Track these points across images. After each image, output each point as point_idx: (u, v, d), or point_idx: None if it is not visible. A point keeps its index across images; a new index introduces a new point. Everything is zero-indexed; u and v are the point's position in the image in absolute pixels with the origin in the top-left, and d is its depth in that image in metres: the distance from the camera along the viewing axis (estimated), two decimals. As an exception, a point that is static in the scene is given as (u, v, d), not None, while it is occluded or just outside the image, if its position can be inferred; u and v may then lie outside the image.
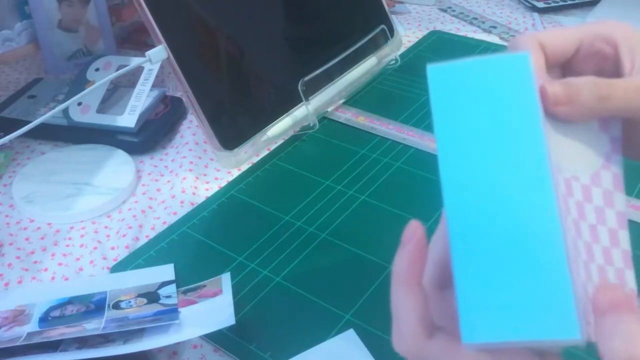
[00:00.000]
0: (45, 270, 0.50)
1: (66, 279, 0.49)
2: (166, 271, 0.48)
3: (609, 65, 0.31)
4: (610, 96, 0.27)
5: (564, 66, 0.32)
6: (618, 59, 0.30)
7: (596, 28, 0.31)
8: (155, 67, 0.64)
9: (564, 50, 0.31)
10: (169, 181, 0.59)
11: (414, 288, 0.26)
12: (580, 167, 0.27)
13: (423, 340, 0.25)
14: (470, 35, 0.84)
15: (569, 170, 0.26)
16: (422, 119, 0.65)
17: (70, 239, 0.53)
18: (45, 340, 0.41)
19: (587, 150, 0.28)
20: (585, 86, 0.27)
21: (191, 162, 0.61)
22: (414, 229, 0.26)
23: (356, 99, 0.70)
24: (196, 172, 0.60)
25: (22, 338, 0.41)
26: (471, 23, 0.88)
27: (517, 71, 0.23)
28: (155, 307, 0.44)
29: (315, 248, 0.50)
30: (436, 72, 0.25)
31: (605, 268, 0.27)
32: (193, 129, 0.65)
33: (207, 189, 0.58)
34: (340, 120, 0.66)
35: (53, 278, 0.49)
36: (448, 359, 0.25)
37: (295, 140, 0.63)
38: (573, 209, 0.26)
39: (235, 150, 0.57)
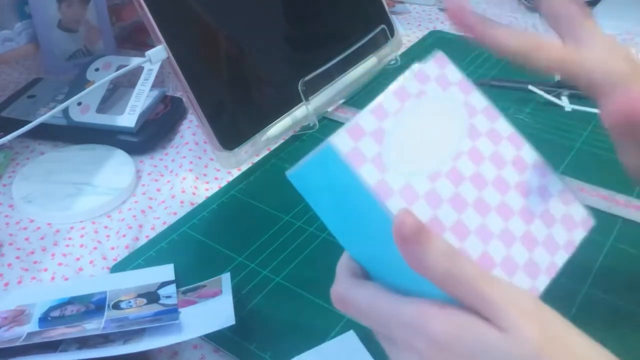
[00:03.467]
0: (45, 270, 0.50)
1: (66, 279, 0.49)
2: (166, 271, 0.48)
3: None
4: None
5: None
6: None
7: None
8: (155, 67, 0.64)
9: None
10: (169, 181, 0.59)
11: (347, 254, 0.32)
12: (456, 138, 0.30)
13: (351, 284, 0.30)
14: (470, 35, 0.84)
15: (449, 156, 0.30)
16: (422, 119, 0.65)
17: (70, 239, 0.53)
18: (45, 340, 0.41)
19: (451, 127, 0.31)
20: None
21: (191, 162, 0.61)
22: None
23: (356, 99, 0.70)
24: (196, 172, 0.60)
25: (22, 338, 0.41)
26: (471, 23, 0.88)
27: (333, 160, 0.27)
28: (155, 307, 0.44)
29: (315, 248, 0.50)
30: (292, 177, 0.31)
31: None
32: (193, 129, 0.65)
33: (207, 189, 0.58)
34: (340, 120, 0.66)
35: (53, 278, 0.49)
36: (372, 301, 0.29)
37: (295, 140, 0.63)
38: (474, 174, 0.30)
39: (235, 150, 0.57)
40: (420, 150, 0.29)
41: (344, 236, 0.31)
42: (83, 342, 0.41)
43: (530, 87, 0.67)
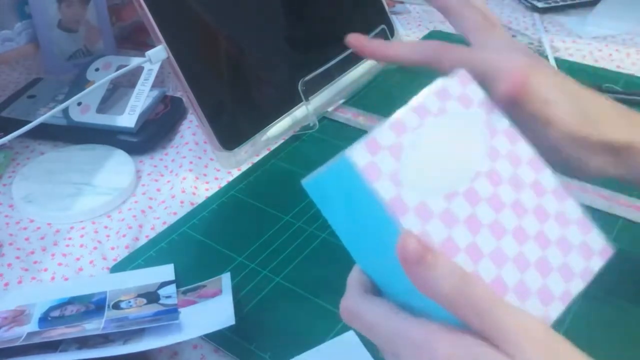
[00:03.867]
0: (45, 270, 0.50)
1: (66, 279, 0.49)
2: (166, 271, 0.48)
3: None
4: None
5: None
6: None
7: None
8: (155, 67, 0.64)
9: None
10: (169, 181, 0.59)
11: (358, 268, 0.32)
12: (475, 162, 0.30)
13: (362, 298, 0.30)
14: (471, 35, 0.84)
15: (467, 177, 0.29)
16: (422, 119, 0.65)
17: (70, 239, 0.53)
18: (45, 340, 0.41)
19: (471, 147, 0.30)
20: None
21: (191, 162, 0.61)
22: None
23: (356, 99, 0.70)
24: (196, 172, 0.60)
25: (22, 338, 0.41)
26: (471, 23, 0.88)
27: (349, 172, 0.27)
28: (155, 307, 0.44)
29: (315, 248, 0.50)
30: (308, 186, 0.31)
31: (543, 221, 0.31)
32: (193, 129, 0.65)
33: (207, 189, 0.58)
34: (340, 120, 0.66)
35: (53, 278, 0.49)
36: (381, 319, 0.28)
37: (295, 140, 0.63)
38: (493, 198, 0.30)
39: (235, 150, 0.57)
40: (438, 169, 0.28)
41: (356, 248, 0.31)
42: (83, 342, 0.41)
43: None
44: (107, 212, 0.56)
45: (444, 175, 0.28)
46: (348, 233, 0.31)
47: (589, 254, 0.31)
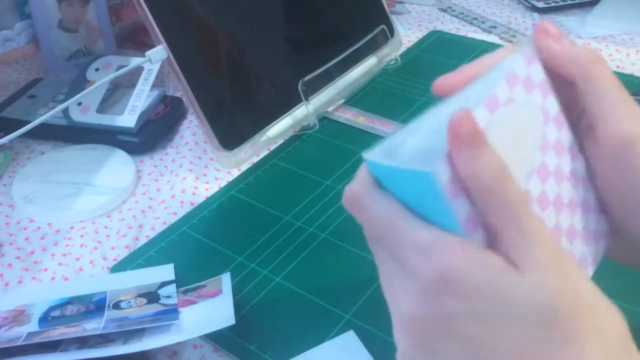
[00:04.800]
0: (45, 270, 0.50)
1: (66, 279, 0.49)
2: (166, 271, 0.48)
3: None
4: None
5: None
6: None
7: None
8: (155, 67, 0.64)
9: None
10: (169, 181, 0.59)
11: None
12: (531, 154, 0.29)
13: (371, 189, 0.28)
14: (471, 35, 0.84)
15: (526, 170, 0.28)
16: (422, 119, 0.65)
17: (70, 239, 0.53)
18: (45, 340, 0.41)
19: (528, 141, 0.29)
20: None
21: (191, 162, 0.61)
22: None
23: (356, 99, 0.70)
24: (196, 172, 0.60)
25: (22, 338, 0.41)
26: (471, 23, 0.88)
27: (429, 184, 0.25)
28: (155, 307, 0.44)
29: (315, 248, 0.50)
30: (372, 166, 0.28)
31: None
32: (193, 129, 0.65)
33: (207, 189, 0.58)
34: (340, 120, 0.66)
35: (53, 278, 0.49)
36: (387, 213, 0.27)
37: (295, 140, 0.63)
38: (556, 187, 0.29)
39: (235, 150, 0.57)
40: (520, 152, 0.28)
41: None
42: (83, 342, 0.41)
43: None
44: (107, 212, 0.56)
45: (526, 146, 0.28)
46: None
47: (600, 236, 0.32)
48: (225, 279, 0.46)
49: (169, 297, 0.45)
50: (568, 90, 0.32)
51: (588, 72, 0.31)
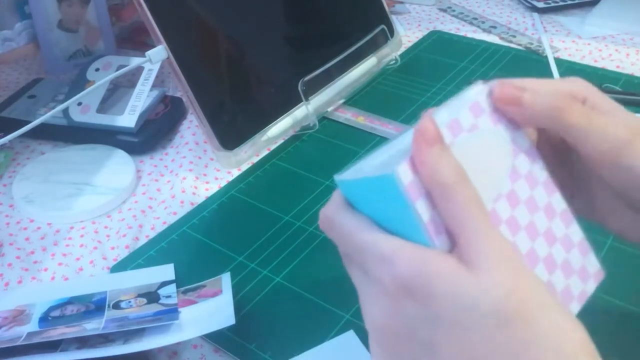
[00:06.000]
0: (45, 270, 0.50)
1: (66, 279, 0.49)
2: (166, 271, 0.48)
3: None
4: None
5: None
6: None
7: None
8: (155, 67, 0.64)
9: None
10: (169, 181, 0.59)
11: None
12: (499, 179, 0.30)
13: (342, 210, 0.30)
14: (470, 35, 0.84)
15: (491, 198, 0.29)
16: (422, 119, 0.65)
17: (70, 239, 0.53)
18: (45, 340, 0.41)
19: (496, 167, 0.30)
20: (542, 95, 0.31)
21: (191, 162, 0.61)
22: None
23: (356, 99, 0.70)
24: (196, 172, 0.60)
25: (22, 338, 0.41)
26: (471, 23, 0.88)
27: (391, 187, 0.27)
28: (155, 307, 0.44)
29: (315, 248, 0.50)
30: (341, 184, 0.30)
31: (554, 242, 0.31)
32: (193, 129, 0.65)
33: (207, 189, 0.58)
34: (340, 120, 0.66)
35: (53, 278, 0.49)
36: (354, 230, 0.29)
37: (295, 140, 0.63)
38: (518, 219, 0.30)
39: (235, 150, 0.57)
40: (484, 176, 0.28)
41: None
42: (83, 342, 0.41)
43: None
44: (107, 212, 0.56)
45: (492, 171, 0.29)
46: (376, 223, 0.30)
47: (586, 277, 0.32)
48: (225, 279, 0.46)
49: (169, 297, 0.45)
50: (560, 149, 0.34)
51: (558, 120, 0.31)
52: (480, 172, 0.29)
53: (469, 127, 0.29)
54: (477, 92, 0.30)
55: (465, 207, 0.26)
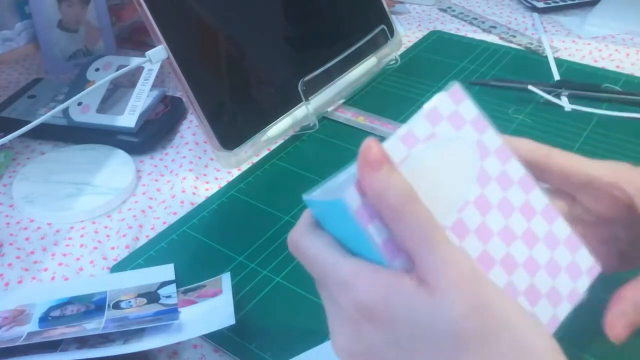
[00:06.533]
0: (45, 270, 0.50)
1: (66, 279, 0.49)
2: (166, 271, 0.48)
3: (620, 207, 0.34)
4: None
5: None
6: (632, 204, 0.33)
7: (610, 174, 0.34)
8: (155, 67, 0.64)
9: (576, 178, 0.34)
10: (169, 181, 0.59)
11: None
12: (463, 186, 0.29)
13: (307, 232, 0.30)
14: (470, 35, 0.84)
15: (454, 208, 0.28)
16: (422, 119, 0.65)
17: (70, 239, 0.53)
18: (45, 340, 0.41)
19: (459, 174, 0.29)
20: None
21: (191, 162, 0.61)
22: None
23: (356, 99, 0.70)
24: (196, 172, 0.60)
25: (22, 338, 0.41)
26: (471, 23, 0.88)
27: (345, 209, 0.27)
28: (155, 307, 0.44)
29: (315, 248, 0.50)
30: (308, 202, 0.30)
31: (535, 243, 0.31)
32: (193, 129, 0.65)
33: (207, 189, 0.58)
34: (340, 120, 0.66)
35: (53, 278, 0.49)
36: (318, 252, 0.29)
37: (295, 140, 0.63)
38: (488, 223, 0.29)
39: (235, 150, 0.58)
40: (426, 203, 0.27)
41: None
42: (83, 342, 0.41)
43: (530, 87, 0.67)
44: (107, 212, 0.56)
45: (432, 209, 0.27)
46: (342, 242, 0.30)
47: (577, 274, 0.31)
48: (225, 279, 0.46)
49: (169, 297, 0.45)
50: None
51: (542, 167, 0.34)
52: (440, 183, 0.28)
53: (425, 137, 0.28)
54: (437, 100, 0.29)
55: (417, 227, 0.26)
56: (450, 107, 0.29)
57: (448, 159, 0.29)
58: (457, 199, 0.28)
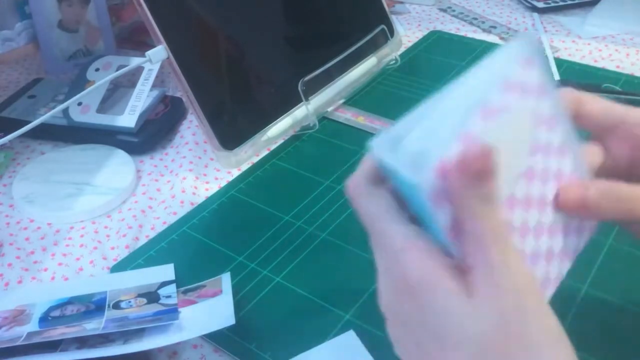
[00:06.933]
0: (45, 270, 0.50)
1: (66, 279, 0.49)
2: (166, 271, 0.48)
3: None
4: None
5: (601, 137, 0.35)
6: None
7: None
8: (155, 67, 0.64)
9: (604, 120, 0.34)
10: (169, 181, 0.59)
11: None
12: (521, 159, 0.29)
13: (368, 185, 0.30)
14: (470, 35, 0.84)
15: (515, 176, 0.28)
16: (422, 119, 0.65)
17: (70, 239, 0.53)
18: (45, 340, 0.41)
19: (517, 147, 0.29)
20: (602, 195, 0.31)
21: (191, 162, 0.61)
22: None
23: (356, 99, 0.70)
24: (196, 172, 0.60)
25: (22, 338, 0.41)
26: (471, 23, 0.88)
27: (417, 191, 0.26)
28: (155, 307, 0.44)
29: (315, 248, 0.50)
30: (375, 153, 0.29)
31: None
32: (193, 129, 0.65)
33: (207, 189, 0.58)
34: (340, 120, 0.66)
35: (53, 278, 0.49)
36: (375, 213, 0.29)
37: (295, 140, 0.63)
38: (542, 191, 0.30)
39: (235, 150, 0.58)
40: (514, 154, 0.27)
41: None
42: (83, 342, 0.41)
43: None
44: (107, 212, 0.56)
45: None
46: (404, 197, 0.30)
47: (582, 230, 0.33)
48: (225, 279, 0.46)
49: (169, 297, 0.45)
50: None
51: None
52: (506, 156, 0.27)
53: (499, 108, 0.27)
54: (507, 62, 0.28)
55: (484, 239, 0.25)
56: (519, 74, 0.28)
57: (512, 132, 0.28)
58: (516, 170, 0.28)
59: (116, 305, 0.44)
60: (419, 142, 0.28)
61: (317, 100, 0.65)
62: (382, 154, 0.28)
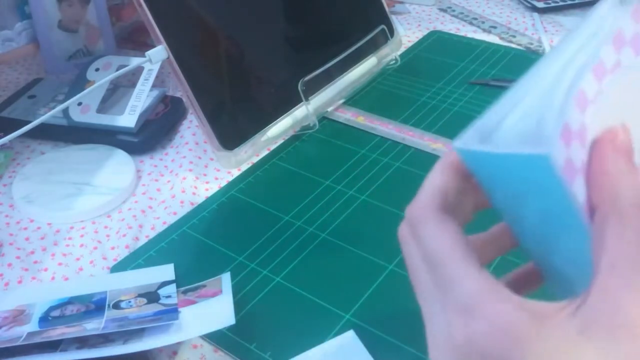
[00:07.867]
0: (45, 270, 0.50)
1: (66, 279, 0.49)
2: (166, 271, 0.48)
3: None
4: None
5: None
6: None
7: None
8: (155, 67, 0.64)
9: None
10: (169, 181, 0.59)
11: (446, 170, 0.26)
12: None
13: (432, 213, 0.25)
14: (470, 35, 0.84)
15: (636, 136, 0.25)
16: (421, 119, 0.65)
17: (70, 239, 0.53)
18: (45, 340, 0.41)
19: (634, 107, 0.26)
20: None
21: (191, 162, 0.61)
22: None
23: (356, 99, 0.70)
24: (196, 172, 0.60)
25: (22, 338, 0.41)
26: (471, 23, 0.88)
27: (543, 169, 0.22)
28: (155, 307, 0.44)
29: (315, 248, 0.50)
30: (465, 154, 0.25)
31: None
32: (193, 129, 0.65)
33: (207, 189, 0.58)
34: (340, 120, 0.66)
35: (53, 278, 0.49)
36: (442, 250, 0.24)
37: (295, 140, 0.63)
38: None
39: (235, 150, 0.58)
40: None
41: (508, 212, 0.27)
42: (83, 342, 0.41)
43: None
44: (107, 212, 0.56)
45: None
46: (505, 203, 0.26)
47: None
48: (225, 279, 0.46)
49: (169, 297, 0.45)
50: None
51: None
52: (625, 120, 0.24)
53: (612, 66, 0.24)
54: (619, 17, 0.25)
55: (623, 255, 0.21)
56: (632, 28, 0.25)
57: (628, 91, 0.25)
58: (637, 134, 0.25)
59: (116, 305, 0.44)
60: (524, 121, 0.24)
61: (317, 100, 0.65)
62: (474, 147, 0.25)
